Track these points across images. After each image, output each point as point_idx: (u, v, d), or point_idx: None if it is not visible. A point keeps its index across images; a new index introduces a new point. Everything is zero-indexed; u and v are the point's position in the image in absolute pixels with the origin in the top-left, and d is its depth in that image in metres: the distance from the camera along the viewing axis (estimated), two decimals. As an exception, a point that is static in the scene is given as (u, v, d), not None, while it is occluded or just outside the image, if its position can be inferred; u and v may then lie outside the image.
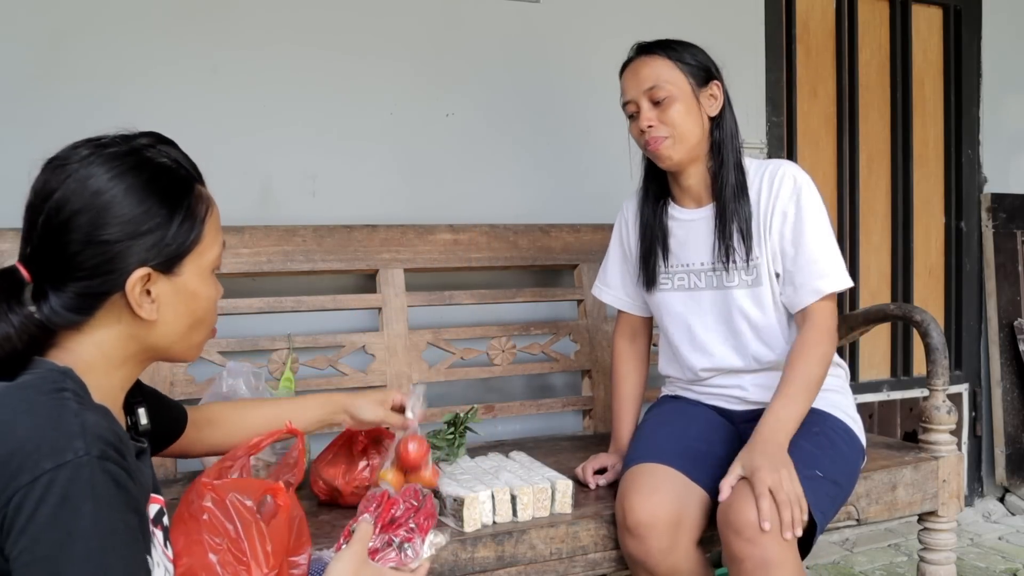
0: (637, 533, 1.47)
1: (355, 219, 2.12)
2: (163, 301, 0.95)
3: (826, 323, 1.59)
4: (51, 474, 0.79)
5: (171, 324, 0.97)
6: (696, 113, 1.62)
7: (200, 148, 1.07)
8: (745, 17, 2.72)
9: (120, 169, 0.92)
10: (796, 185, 1.62)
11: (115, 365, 0.96)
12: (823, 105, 2.97)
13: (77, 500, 0.80)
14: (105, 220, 0.90)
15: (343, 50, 2.17)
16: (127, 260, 0.92)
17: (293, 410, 1.37)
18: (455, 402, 2.22)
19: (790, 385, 1.52)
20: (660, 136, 1.61)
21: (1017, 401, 3.22)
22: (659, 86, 1.60)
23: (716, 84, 1.65)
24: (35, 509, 0.79)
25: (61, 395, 0.85)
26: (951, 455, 1.86)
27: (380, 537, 1.14)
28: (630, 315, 1.88)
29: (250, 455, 1.19)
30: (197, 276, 0.98)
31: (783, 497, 1.36)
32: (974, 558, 2.73)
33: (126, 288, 0.92)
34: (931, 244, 3.19)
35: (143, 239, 0.92)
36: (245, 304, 1.90)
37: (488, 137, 2.34)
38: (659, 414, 1.78)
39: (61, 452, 0.80)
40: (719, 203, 1.65)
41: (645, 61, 1.64)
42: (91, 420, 0.84)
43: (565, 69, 2.43)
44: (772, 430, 1.47)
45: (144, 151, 0.95)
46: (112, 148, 0.94)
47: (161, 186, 0.94)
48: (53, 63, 1.90)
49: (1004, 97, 3.26)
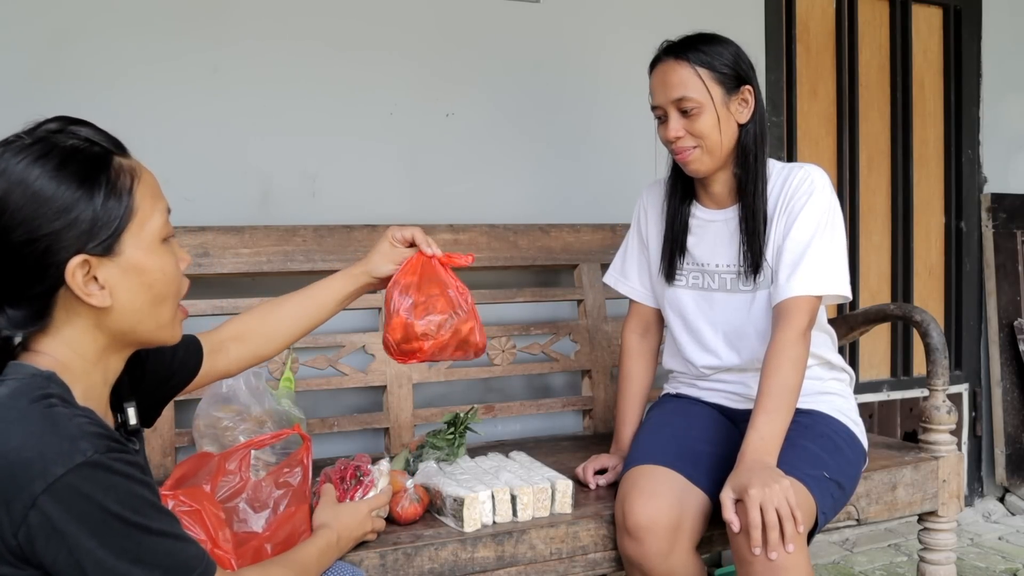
0: (636, 536, 1.47)
1: (355, 219, 2.12)
2: (113, 284, 0.92)
3: (798, 322, 1.52)
4: (67, 478, 0.81)
5: (128, 305, 0.94)
6: (726, 121, 1.59)
7: (200, 148, 1.08)
8: (745, 17, 2.72)
9: (27, 162, 0.88)
10: (811, 186, 1.59)
11: (91, 361, 0.95)
12: (823, 105, 2.97)
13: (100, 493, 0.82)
14: (25, 217, 0.88)
15: (343, 50, 2.17)
16: (59, 253, 0.89)
17: (317, 294, 1.36)
18: (455, 402, 2.22)
19: (768, 398, 1.48)
20: (688, 147, 1.59)
21: (1017, 401, 3.22)
22: (687, 97, 1.56)
23: (748, 89, 1.60)
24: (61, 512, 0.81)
25: (48, 401, 0.86)
26: (951, 455, 1.86)
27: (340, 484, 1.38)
28: (644, 308, 1.85)
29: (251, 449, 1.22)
30: (142, 250, 0.94)
31: (771, 518, 1.33)
32: (974, 558, 2.73)
33: (66, 280, 0.89)
34: (931, 244, 3.19)
35: (69, 228, 0.89)
36: (245, 304, 1.90)
37: (488, 137, 2.34)
38: (660, 414, 1.78)
39: (69, 456, 0.82)
40: (745, 208, 1.62)
41: (674, 67, 1.58)
42: (85, 423, 0.86)
43: (565, 69, 2.42)
44: (757, 450, 1.44)
45: (51, 137, 0.91)
46: (16, 143, 0.90)
47: (73, 169, 0.90)
48: (53, 63, 1.90)
49: (1004, 97, 3.26)
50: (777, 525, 1.34)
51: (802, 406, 1.64)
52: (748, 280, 1.64)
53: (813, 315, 1.56)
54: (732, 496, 1.39)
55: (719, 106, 1.57)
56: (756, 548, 1.34)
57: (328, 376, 1.98)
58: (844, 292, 1.57)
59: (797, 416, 1.60)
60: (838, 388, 1.72)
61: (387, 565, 1.38)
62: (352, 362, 2.01)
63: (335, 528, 1.24)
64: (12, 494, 0.80)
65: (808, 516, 1.42)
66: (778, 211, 1.61)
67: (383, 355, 2.01)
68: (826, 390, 1.70)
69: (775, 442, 1.46)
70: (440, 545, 1.42)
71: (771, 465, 1.43)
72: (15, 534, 0.81)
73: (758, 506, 1.34)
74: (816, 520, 1.44)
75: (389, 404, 2.01)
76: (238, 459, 1.29)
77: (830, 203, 1.60)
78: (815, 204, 1.58)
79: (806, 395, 1.65)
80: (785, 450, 1.49)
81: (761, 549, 1.34)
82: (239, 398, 1.63)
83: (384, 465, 1.45)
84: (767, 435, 1.45)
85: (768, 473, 1.39)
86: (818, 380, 1.70)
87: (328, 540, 1.21)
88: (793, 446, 1.52)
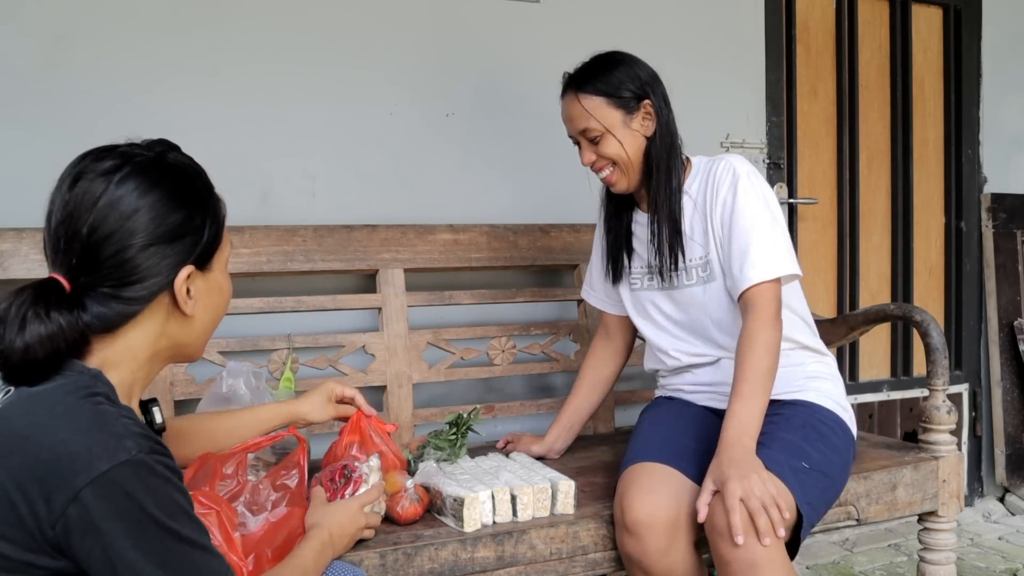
0: (635, 532, 1.47)
1: (355, 219, 2.12)
2: (198, 297, 1.02)
3: (766, 309, 1.55)
4: (111, 473, 0.82)
5: (201, 318, 1.04)
6: (632, 139, 1.65)
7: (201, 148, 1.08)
8: (745, 17, 2.72)
9: (154, 178, 0.97)
10: (735, 176, 1.63)
11: (140, 363, 1.00)
12: (823, 105, 2.97)
13: (140, 493, 0.84)
14: (158, 226, 0.96)
15: (343, 50, 2.17)
16: (174, 260, 0.98)
17: (252, 421, 1.42)
18: (455, 402, 2.22)
19: (743, 383, 1.50)
20: (604, 168, 1.68)
21: (1017, 401, 3.22)
22: (590, 128, 1.64)
23: (648, 103, 1.65)
24: (102, 507, 0.82)
25: (95, 399, 0.89)
26: (951, 455, 1.86)
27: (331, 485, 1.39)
28: (607, 316, 1.93)
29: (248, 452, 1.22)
30: (221, 272, 1.07)
31: (755, 504, 1.35)
32: (974, 558, 2.73)
33: (175, 286, 0.98)
34: (931, 244, 3.19)
35: (185, 240, 0.98)
36: (245, 304, 1.90)
37: (488, 137, 2.34)
38: (654, 414, 1.79)
39: (115, 452, 0.84)
40: (656, 216, 1.68)
41: (572, 102, 1.66)
42: (130, 423, 0.88)
43: (565, 69, 2.42)
44: (735, 435, 1.46)
45: (166, 157, 1.01)
46: (139, 158, 0.98)
47: (196, 188, 1.02)
48: (54, 65, 1.90)
49: (1004, 97, 3.26)
50: (763, 512, 1.35)
51: (787, 396, 1.66)
52: (688, 274, 1.69)
53: (778, 299, 1.58)
54: (712, 487, 1.42)
55: (620, 129, 1.64)
56: (739, 537, 1.34)
57: (328, 376, 1.98)
58: (795, 271, 1.61)
59: (780, 408, 1.62)
60: (823, 371, 1.73)
61: (387, 565, 1.38)
62: (352, 362, 2.01)
63: (326, 526, 1.24)
64: (55, 486, 0.82)
65: (786, 508, 1.42)
66: (708, 204, 1.66)
67: (383, 355, 2.01)
68: (811, 374, 1.70)
69: (753, 424, 1.48)
70: (440, 545, 1.42)
71: (750, 448, 1.45)
72: (53, 526, 0.82)
73: (738, 498, 1.36)
74: (800, 512, 1.44)
75: (389, 404, 2.01)
76: (235, 463, 1.29)
77: (759, 188, 1.63)
78: (745, 191, 1.61)
79: (791, 383, 1.67)
80: (762, 444, 1.50)
81: (744, 539, 1.34)
82: (239, 398, 1.62)
83: (374, 461, 1.45)
84: (744, 418, 1.47)
85: (747, 464, 1.41)
86: (800, 365, 1.71)
87: (321, 539, 1.21)
88: (773, 438, 1.53)
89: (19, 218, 1.73)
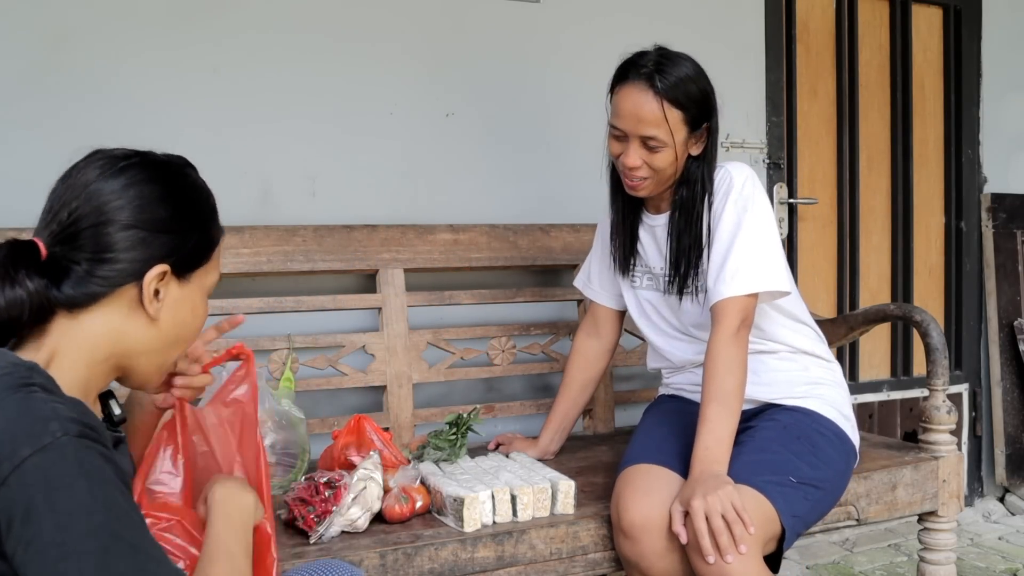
0: (631, 535, 1.47)
1: (355, 219, 2.12)
2: (167, 303, 0.99)
3: (727, 324, 1.52)
4: (34, 459, 0.79)
5: (164, 330, 1.00)
6: (682, 157, 1.58)
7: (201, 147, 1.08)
8: (745, 17, 2.72)
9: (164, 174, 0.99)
10: (728, 186, 1.60)
11: (96, 359, 0.96)
12: (823, 105, 2.97)
13: (68, 479, 0.80)
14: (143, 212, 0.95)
15: (344, 50, 2.17)
16: (151, 252, 0.96)
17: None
18: (455, 402, 2.22)
19: (708, 405, 1.49)
20: (641, 176, 1.59)
21: (1017, 401, 3.22)
22: (657, 136, 1.54)
23: (707, 126, 1.59)
24: (28, 497, 0.78)
25: (28, 389, 0.84)
26: (951, 455, 1.86)
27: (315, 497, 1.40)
28: (599, 307, 1.90)
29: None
30: (199, 291, 1.03)
31: (717, 523, 1.35)
32: (974, 558, 2.73)
33: (144, 280, 0.96)
34: (931, 244, 3.19)
35: (168, 236, 0.97)
36: (245, 304, 1.90)
37: (488, 137, 2.34)
38: (656, 414, 1.79)
39: (38, 437, 0.80)
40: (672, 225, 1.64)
41: (651, 101, 1.53)
42: (62, 408, 0.84)
43: (565, 69, 2.42)
44: (703, 460, 1.46)
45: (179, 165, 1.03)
46: (150, 157, 1.00)
47: (194, 199, 1.02)
48: (53, 64, 1.90)
49: (1004, 97, 3.26)
50: (725, 530, 1.35)
51: (789, 402, 1.65)
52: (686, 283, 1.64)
53: (746, 315, 1.55)
54: (680, 509, 1.42)
55: (679, 145, 1.56)
56: (709, 556, 1.35)
57: (328, 376, 1.98)
58: (776, 287, 1.56)
59: (778, 414, 1.62)
60: (828, 377, 1.72)
61: (387, 565, 1.38)
62: (352, 362, 2.01)
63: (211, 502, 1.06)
64: None
65: (766, 522, 1.42)
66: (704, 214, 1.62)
67: (383, 355, 2.01)
68: (815, 380, 1.69)
69: (721, 449, 1.47)
70: (440, 545, 1.42)
71: (719, 473, 1.44)
72: None
73: (703, 515, 1.36)
74: (783, 525, 1.44)
75: (389, 404, 2.01)
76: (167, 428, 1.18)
77: (750, 198, 1.58)
78: (733, 202, 1.58)
79: (793, 388, 1.66)
80: (748, 457, 1.50)
81: (715, 556, 1.35)
82: (239, 398, 1.62)
83: (375, 456, 1.46)
84: (711, 443, 1.47)
85: (712, 482, 1.40)
86: (804, 371, 1.70)
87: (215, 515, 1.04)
88: (762, 451, 1.53)
89: (19, 218, 1.73)
